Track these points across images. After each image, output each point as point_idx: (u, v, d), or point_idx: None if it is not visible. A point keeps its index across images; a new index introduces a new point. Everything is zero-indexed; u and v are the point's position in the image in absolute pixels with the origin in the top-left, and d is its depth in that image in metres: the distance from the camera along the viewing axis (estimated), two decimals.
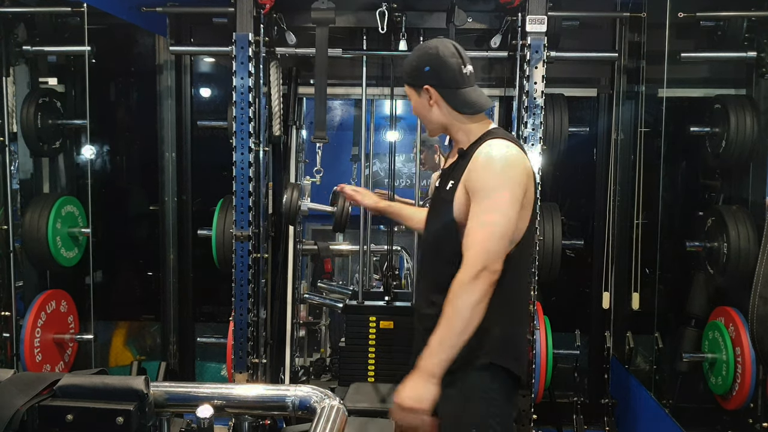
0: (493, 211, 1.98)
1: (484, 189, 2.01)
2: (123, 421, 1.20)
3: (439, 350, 1.92)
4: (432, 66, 2.13)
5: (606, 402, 3.80)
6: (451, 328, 1.92)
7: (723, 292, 3.37)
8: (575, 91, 3.95)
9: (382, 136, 4.56)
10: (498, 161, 2.03)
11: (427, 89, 2.15)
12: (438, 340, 1.93)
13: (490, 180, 2.01)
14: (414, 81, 2.18)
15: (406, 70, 2.21)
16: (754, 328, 1.65)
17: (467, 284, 1.92)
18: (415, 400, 1.92)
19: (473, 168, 2.05)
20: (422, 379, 1.93)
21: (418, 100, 2.19)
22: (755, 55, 3.19)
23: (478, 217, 1.99)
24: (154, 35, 4.06)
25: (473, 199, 2.02)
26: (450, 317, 1.93)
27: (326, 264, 5.20)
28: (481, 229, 1.97)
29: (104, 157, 4.49)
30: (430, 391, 1.92)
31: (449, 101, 2.15)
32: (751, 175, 3.27)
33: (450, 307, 1.93)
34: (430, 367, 1.92)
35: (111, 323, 4.51)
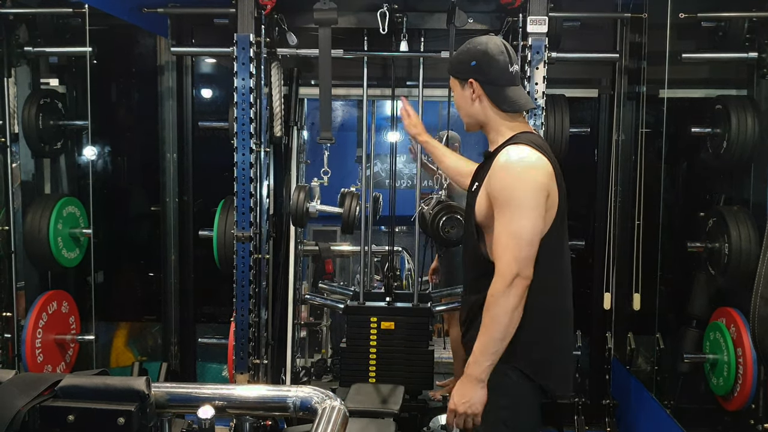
0: (519, 219, 2.01)
1: (505, 196, 2.04)
2: (124, 421, 1.20)
3: (483, 358, 2.04)
4: (479, 61, 2.16)
5: (607, 403, 3.80)
6: (492, 335, 2.02)
7: (724, 293, 3.37)
8: (576, 92, 3.95)
9: (384, 137, 4.57)
10: (514, 167, 2.06)
11: (471, 83, 2.18)
12: (481, 349, 2.04)
13: (509, 187, 2.04)
14: (459, 73, 2.22)
15: (453, 62, 2.27)
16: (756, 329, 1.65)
17: (503, 293, 2.00)
18: (467, 406, 2.06)
19: (492, 174, 2.09)
20: (471, 384, 2.05)
21: (460, 93, 2.23)
22: (756, 55, 3.19)
23: (505, 225, 2.03)
24: (156, 36, 4.06)
25: (496, 206, 2.06)
26: (489, 326, 2.03)
27: (327, 265, 5.20)
28: (509, 238, 2.02)
29: (105, 158, 4.50)
30: (480, 395, 2.05)
31: (491, 97, 2.18)
32: (752, 176, 3.27)
33: (488, 317, 2.03)
34: (477, 374, 2.04)
35: (112, 324, 4.52)
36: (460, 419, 2.09)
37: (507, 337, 2.02)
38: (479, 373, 2.04)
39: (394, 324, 3.53)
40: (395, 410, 3.11)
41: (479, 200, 2.14)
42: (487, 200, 2.11)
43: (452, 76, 2.26)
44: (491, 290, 2.03)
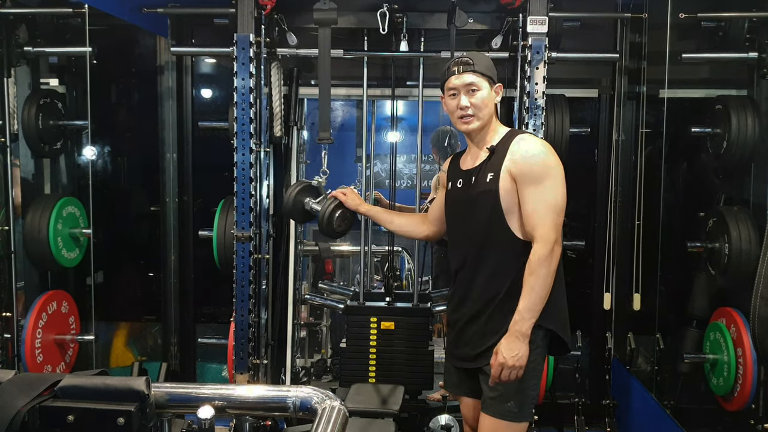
0: (551, 191, 2.33)
1: (536, 173, 2.34)
2: (124, 421, 1.20)
3: (530, 315, 2.30)
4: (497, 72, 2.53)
5: (607, 403, 3.79)
6: (539, 294, 2.29)
7: (724, 293, 3.37)
8: (576, 92, 3.95)
9: (384, 137, 4.56)
10: (541, 149, 2.39)
11: (500, 87, 2.52)
12: (529, 306, 2.29)
13: (539, 164, 2.35)
14: (494, 76, 2.50)
15: (486, 65, 2.50)
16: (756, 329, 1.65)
17: (546, 257, 2.29)
18: (516, 359, 2.29)
19: (518, 158, 2.37)
20: (519, 341, 2.30)
21: (489, 94, 2.48)
22: (756, 55, 3.19)
23: (541, 198, 2.32)
24: (155, 36, 4.06)
25: (526, 184, 2.34)
26: (535, 286, 2.29)
27: (327, 265, 5.19)
28: (547, 209, 2.31)
29: (105, 158, 4.50)
30: (525, 349, 2.31)
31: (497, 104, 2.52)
32: (752, 176, 3.26)
33: (534, 278, 2.29)
34: (524, 330, 2.30)
35: (112, 324, 4.52)
36: (508, 372, 2.30)
37: (546, 297, 2.31)
38: (526, 329, 2.30)
39: (394, 324, 3.53)
40: (395, 410, 3.11)
41: (503, 185, 2.37)
42: (511, 182, 2.36)
43: (486, 76, 2.47)
44: (535, 255, 2.29)
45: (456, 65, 2.48)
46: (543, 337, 2.42)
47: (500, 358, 2.31)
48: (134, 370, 3.99)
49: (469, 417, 2.67)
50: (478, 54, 2.54)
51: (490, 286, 2.42)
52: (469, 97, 2.45)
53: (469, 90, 2.45)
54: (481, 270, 2.46)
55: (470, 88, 2.45)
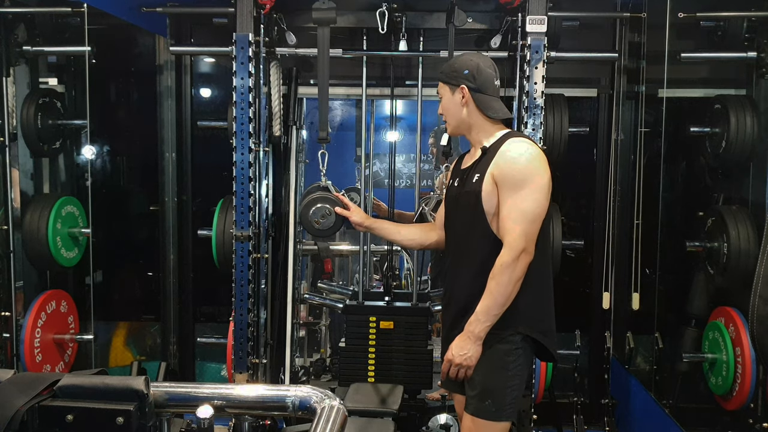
0: (527, 199, 2.32)
1: (516, 179, 2.33)
2: (123, 421, 1.20)
3: (485, 318, 2.32)
4: (471, 70, 2.47)
5: (606, 402, 3.80)
6: (496, 300, 2.31)
7: (723, 292, 3.37)
8: (575, 92, 3.95)
9: (383, 137, 4.56)
10: (525, 155, 2.37)
11: (462, 89, 2.47)
12: (485, 310, 2.32)
13: (520, 171, 2.34)
14: (451, 80, 2.50)
15: (445, 70, 2.53)
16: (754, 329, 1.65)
17: (510, 264, 2.29)
18: (464, 358, 2.35)
19: (501, 162, 2.37)
20: (471, 341, 2.34)
21: (450, 98, 2.51)
22: (755, 55, 3.18)
23: (515, 204, 2.32)
24: (155, 35, 4.06)
25: (504, 188, 2.34)
26: (494, 292, 2.31)
27: (326, 264, 5.19)
28: (519, 215, 2.31)
29: (104, 158, 4.50)
30: (476, 350, 2.35)
31: (478, 104, 2.47)
32: (751, 175, 3.26)
33: (494, 283, 2.30)
34: (477, 332, 2.33)
35: (111, 323, 4.51)
36: (455, 370, 2.38)
37: (507, 304, 2.32)
38: (479, 332, 2.33)
39: (393, 323, 3.53)
40: (394, 410, 3.11)
41: (486, 187, 2.38)
42: (493, 185, 2.37)
43: (443, 82, 2.53)
44: (500, 260, 2.30)
45: None
46: (522, 340, 2.41)
47: (449, 354, 2.39)
48: (133, 369, 3.99)
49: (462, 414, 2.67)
50: (452, 59, 2.62)
51: (472, 286, 2.42)
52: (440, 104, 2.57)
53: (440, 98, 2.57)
54: (463, 270, 2.48)
55: (439, 96, 2.57)
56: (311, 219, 3.02)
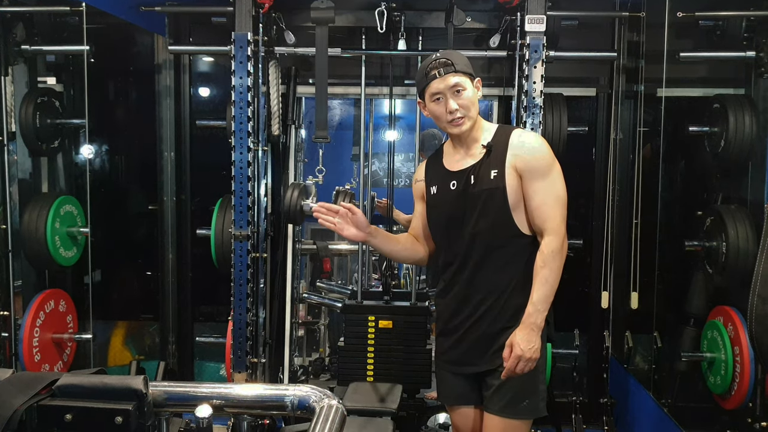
0: (556, 184, 2.35)
1: (542, 167, 2.34)
2: (122, 420, 1.20)
3: (543, 307, 2.30)
4: None
5: (605, 401, 3.80)
6: (552, 287, 2.31)
7: (722, 292, 3.37)
8: (574, 91, 3.95)
9: (381, 136, 4.56)
10: (542, 143, 2.40)
11: (479, 81, 2.44)
12: (543, 299, 2.30)
13: (545, 158, 2.35)
14: (472, 72, 2.41)
15: (465, 62, 2.41)
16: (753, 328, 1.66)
17: (559, 249, 2.30)
18: (533, 351, 2.29)
19: (523, 153, 2.34)
20: (535, 333, 2.30)
21: (473, 92, 2.40)
22: (754, 54, 3.18)
23: (548, 191, 2.33)
24: (153, 34, 4.06)
25: (533, 178, 2.33)
26: (549, 279, 2.30)
27: (325, 263, 5.19)
28: (556, 202, 2.33)
29: (103, 157, 4.49)
30: (539, 341, 2.31)
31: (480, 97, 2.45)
32: (750, 175, 3.26)
33: (548, 270, 2.30)
34: (539, 322, 2.30)
35: (110, 323, 4.51)
36: (524, 365, 2.28)
37: (556, 289, 2.33)
38: (540, 321, 2.30)
39: (392, 323, 3.53)
40: (393, 409, 3.11)
41: (509, 181, 2.33)
42: (517, 178, 2.34)
43: (466, 74, 2.39)
44: (549, 248, 2.30)
45: (436, 68, 2.36)
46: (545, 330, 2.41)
47: (517, 350, 2.28)
48: (132, 369, 3.98)
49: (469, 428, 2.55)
50: (453, 52, 2.46)
51: (498, 284, 2.39)
52: (456, 98, 2.35)
53: (454, 92, 2.35)
54: (486, 269, 2.40)
55: (455, 90, 2.35)
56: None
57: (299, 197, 3.31)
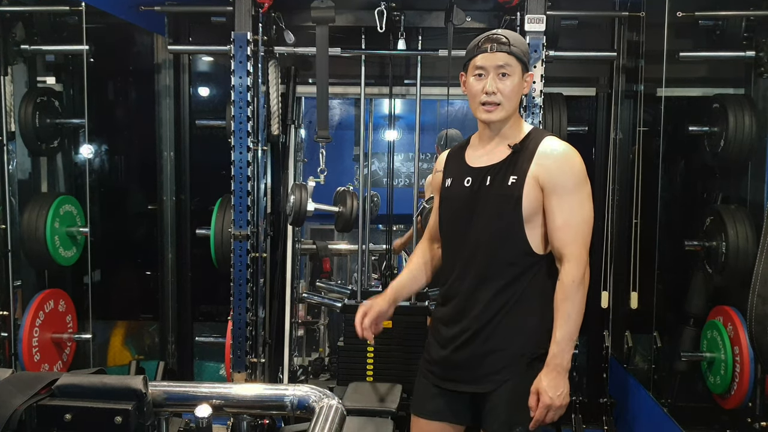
0: (584, 206, 2.11)
1: (570, 184, 2.09)
2: (121, 420, 1.20)
3: (569, 346, 2.07)
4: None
5: (605, 401, 3.80)
6: (575, 322, 2.07)
7: (721, 292, 3.38)
8: (574, 91, 3.95)
9: (381, 136, 4.56)
10: (575, 157, 2.13)
11: (531, 75, 2.22)
12: (568, 337, 2.07)
13: (574, 174, 2.10)
14: (528, 62, 2.20)
15: (523, 49, 2.18)
16: (753, 328, 1.65)
17: (581, 280, 2.07)
18: (562, 397, 2.09)
19: (549, 163, 2.10)
20: (561, 376, 2.08)
21: (519, 82, 2.16)
22: (754, 54, 3.19)
23: (573, 212, 2.08)
24: (153, 34, 4.05)
25: (556, 194, 2.09)
26: (571, 314, 2.06)
27: (325, 263, 5.20)
28: (580, 225, 2.09)
29: (102, 157, 4.49)
30: (567, 384, 2.09)
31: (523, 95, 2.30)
32: (749, 175, 3.27)
33: (570, 304, 2.06)
34: (565, 364, 2.08)
35: (109, 323, 4.51)
36: (553, 414, 2.10)
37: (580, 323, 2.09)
38: (567, 363, 2.09)
39: (392, 322, 3.51)
40: (393, 409, 3.11)
41: (528, 191, 2.10)
42: (537, 190, 2.11)
43: (522, 62, 2.16)
44: (570, 277, 2.06)
45: (489, 42, 2.13)
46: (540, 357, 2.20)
47: (546, 399, 2.07)
48: (131, 368, 3.98)
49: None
50: (514, 33, 2.21)
51: (495, 302, 2.16)
52: (498, 81, 2.12)
53: (499, 73, 2.12)
54: (486, 283, 2.17)
55: (501, 71, 2.12)
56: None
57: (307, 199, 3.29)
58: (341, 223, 3.40)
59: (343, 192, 3.42)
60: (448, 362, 2.26)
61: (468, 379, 2.23)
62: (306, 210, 3.27)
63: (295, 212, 3.26)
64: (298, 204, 3.25)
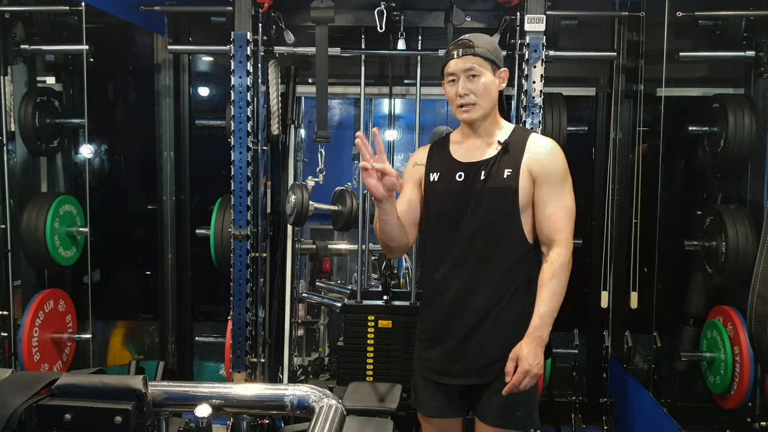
0: (569, 195, 2.27)
1: (558, 175, 2.26)
2: (121, 420, 1.20)
3: (550, 320, 2.21)
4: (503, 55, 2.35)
5: (604, 401, 3.80)
6: (558, 301, 2.22)
7: (721, 292, 3.38)
8: (574, 91, 3.95)
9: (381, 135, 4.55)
10: (561, 152, 2.32)
11: (505, 72, 2.32)
12: (550, 313, 2.21)
13: (562, 168, 2.28)
14: (497, 60, 2.29)
15: (488, 48, 2.27)
16: (753, 328, 1.65)
17: (568, 262, 2.23)
18: (540, 366, 2.19)
19: (541, 157, 2.27)
20: (540, 348, 2.19)
21: (491, 79, 2.27)
22: (754, 54, 3.19)
23: (561, 201, 2.25)
24: (153, 34, 4.05)
25: (547, 185, 2.25)
26: (557, 292, 2.21)
27: (325, 263, 5.19)
28: (567, 213, 2.25)
29: (102, 156, 4.49)
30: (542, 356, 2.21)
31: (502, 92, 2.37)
32: (749, 174, 3.27)
33: (556, 283, 2.21)
34: (545, 336, 2.21)
35: (109, 322, 4.51)
36: (529, 380, 2.18)
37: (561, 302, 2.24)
38: (546, 335, 2.21)
39: (392, 322, 3.53)
40: (393, 409, 3.11)
41: (523, 182, 2.25)
42: (530, 182, 2.25)
43: (489, 60, 2.26)
44: (560, 260, 2.22)
45: (456, 48, 2.25)
46: None
47: (525, 365, 2.15)
48: (131, 368, 3.98)
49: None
50: (481, 35, 2.30)
51: (497, 291, 2.26)
52: (469, 82, 2.23)
53: (469, 75, 2.23)
54: (485, 273, 2.27)
55: (470, 74, 2.23)
56: None
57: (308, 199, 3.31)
58: (340, 223, 3.40)
59: (341, 191, 3.42)
60: (449, 358, 2.34)
61: (471, 372, 2.32)
62: (307, 210, 3.28)
63: (296, 212, 3.26)
64: (299, 204, 3.25)
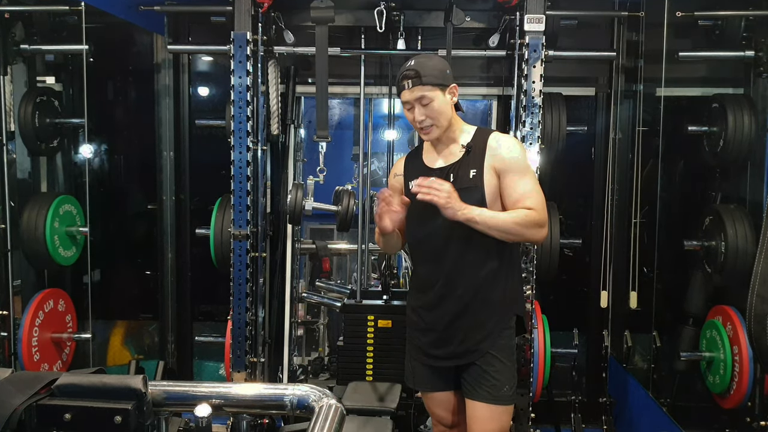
0: (537, 184, 2.43)
1: (520, 166, 2.41)
2: (121, 420, 1.20)
3: (480, 218, 2.33)
4: (448, 69, 2.46)
5: (604, 401, 3.80)
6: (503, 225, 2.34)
7: (721, 291, 3.38)
8: (573, 90, 3.95)
9: (381, 135, 4.56)
10: (519, 145, 2.50)
11: (455, 87, 2.45)
12: (492, 215, 2.34)
13: (522, 160, 2.43)
14: (444, 81, 2.42)
15: (434, 74, 2.40)
16: (752, 327, 1.65)
17: (537, 221, 2.35)
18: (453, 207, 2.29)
19: (502, 153, 2.41)
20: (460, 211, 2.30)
21: (444, 100, 2.42)
22: (753, 54, 3.19)
23: (527, 186, 2.39)
24: (152, 34, 4.06)
25: (511, 175, 2.39)
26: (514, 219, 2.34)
27: (324, 263, 5.20)
28: (536, 194, 2.39)
29: (102, 156, 4.49)
30: (456, 210, 2.30)
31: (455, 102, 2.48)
32: (748, 174, 3.27)
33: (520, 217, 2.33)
34: (469, 215, 2.32)
35: (109, 322, 4.51)
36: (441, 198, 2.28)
37: (504, 235, 2.37)
38: (471, 216, 2.32)
39: (391, 322, 3.53)
40: (392, 408, 3.12)
41: (488, 179, 2.41)
42: (495, 178, 2.41)
43: (434, 85, 2.39)
44: (534, 211, 2.35)
45: (404, 80, 2.40)
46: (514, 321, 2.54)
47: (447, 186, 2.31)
48: (131, 368, 3.98)
49: (444, 413, 2.65)
50: (425, 61, 2.42)
51: (476, 279, 2.45)
52: (424, 109, 2.40)
53: (420, 104, 2.39)
54: (464, 264, 2.46)
55: (422, 102, 2.39)
56: None
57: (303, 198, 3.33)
58: (338, 222, 3.41)
59: (341, 191, 3.42)
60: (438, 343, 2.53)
61: (459, 352, 2.50)
62: (302, 209, 3.29)
63: (290, 210, 3.29)
64: (293, 203, 3.27)
